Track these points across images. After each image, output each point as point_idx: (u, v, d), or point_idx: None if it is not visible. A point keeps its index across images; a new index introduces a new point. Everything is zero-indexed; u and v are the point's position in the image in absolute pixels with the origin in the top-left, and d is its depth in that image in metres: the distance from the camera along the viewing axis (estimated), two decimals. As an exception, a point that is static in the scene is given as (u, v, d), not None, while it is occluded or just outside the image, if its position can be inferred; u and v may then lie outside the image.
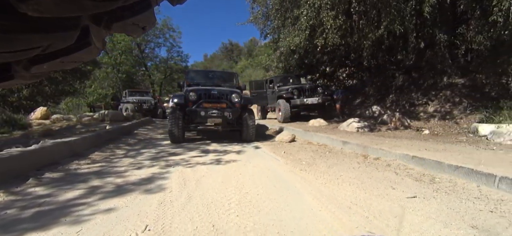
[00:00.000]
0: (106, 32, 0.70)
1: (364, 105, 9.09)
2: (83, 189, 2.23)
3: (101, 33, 0.69)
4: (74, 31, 0.55)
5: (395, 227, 1.48)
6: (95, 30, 0.65)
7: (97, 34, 0.67)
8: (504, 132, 3.89)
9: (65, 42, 0.60)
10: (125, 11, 0.61)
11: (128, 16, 0.64)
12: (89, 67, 15.36)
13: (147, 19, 0.70)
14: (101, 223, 1.58)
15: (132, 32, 0.73)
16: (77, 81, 15.18)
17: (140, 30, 0.74)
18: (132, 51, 26.99)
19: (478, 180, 2.06)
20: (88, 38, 0.64)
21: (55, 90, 12.25)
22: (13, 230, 1.49)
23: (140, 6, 0.64)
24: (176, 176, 2.66)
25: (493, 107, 4.97)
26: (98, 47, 0.71)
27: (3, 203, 1.89)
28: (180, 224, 1.56)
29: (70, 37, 0.56)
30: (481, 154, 2.83)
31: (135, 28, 0.72)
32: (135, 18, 0.65)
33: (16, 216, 1.68)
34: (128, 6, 0.60)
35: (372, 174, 2.58)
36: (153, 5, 0.68)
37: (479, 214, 1.60)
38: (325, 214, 1.69)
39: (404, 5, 5.21)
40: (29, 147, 2.96)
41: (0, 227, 1.53)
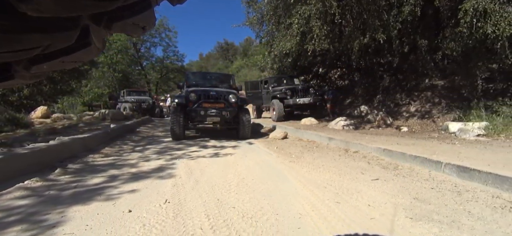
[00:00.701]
0: (106, 32, 0.70)
1: (354, 105, 9.62)
2: (105, 176, 2.65)
3: (101, 33, 0.69)
4: (74, 31, 0.56)
5: (356, 198, 1.95)
6: (95, 30, 0.65)
7: (97, 34, 0.67)
8: (469, 129, 4.43)
9: (65, 42, 0.60)
10: (125, 11, 0.61)
11: (128, 16, 0.64)
12: (86, 67, 15.55)
13: (147, 19, 0.70)
14: (130, 199, 2.01)
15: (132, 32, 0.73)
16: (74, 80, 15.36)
17: (140, 30, 0.73)
18: (127, 51, 27.08)
19: (430, 167, 2.56)
20: (88, 38, 0.64)
21: (54, 90, 12.46)
22: (60, 204, 1.91)
23: (140, 6, 0.64)
24: (182, 166, 3.09)
25: (464, 108, 5.53)
26: (98, 47, 0.71)
27: (43, 187, 2.30)
28: (192, 199, 2.00)
29: (70, 37, 0.56)
30: (441, 147, 3.35)
31: (135, 28, 0.71)
32: (135, 18, 0.66)
33: (59, 195, 2.10)
34: (128, 6, 0.61)
35: (349, 164, 3.06)
36: (153, 5, 0.68)
37: (422, 190, 2.09)
38: (306, 192, 2.15)
39: (388, 15, 5.73)
40: (52, 142, 3.35)
41: (49, 202, 1.95)
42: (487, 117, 4.81)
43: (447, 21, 5.85)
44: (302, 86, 9.28)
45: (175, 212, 1.75)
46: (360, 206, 1.82)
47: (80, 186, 2.31)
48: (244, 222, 1.60)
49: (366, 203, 1.87)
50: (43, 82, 11.64)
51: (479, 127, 4.44)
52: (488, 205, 1.74)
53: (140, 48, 29.68)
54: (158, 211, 1.77)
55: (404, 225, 1.51)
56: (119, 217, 1.68)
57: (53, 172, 2.72)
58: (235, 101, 5.36)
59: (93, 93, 23.79)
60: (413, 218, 1.58)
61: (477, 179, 2.12)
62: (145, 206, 1.85)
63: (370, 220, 1.59)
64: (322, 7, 4.59)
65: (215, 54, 57.60)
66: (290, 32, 5.79)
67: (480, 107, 5.09)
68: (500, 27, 3.97)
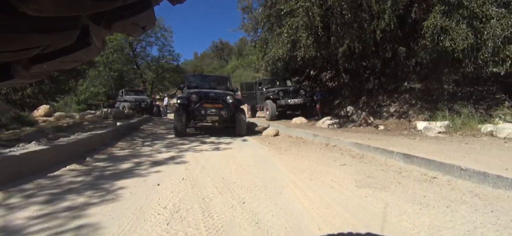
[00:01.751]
0: (106, 32, 0.69)
1: (341, 105, 10.39)
2: (131, 163, 3.28)
3: (101, 32, 0.68)
4: (74, 31, 0.55)
5: (324, 177, 2.65)
6: (95, 30, 0.65)
7: (97, 33, 0.66)
8: (432, 128, 5.21)
9: (65, 42, 0.59)
10: (125, 10, 0.60)
11: (128, 16, 0.63)
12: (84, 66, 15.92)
13: (147, 18, 0.69)
14: (155, 177, 2.66)
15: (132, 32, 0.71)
16: (72, 79, 15.71)
17: (140, 29, 0.72)
18: (123, 50, 27.33)
19: (386, 155, 3.28)
20: (88, 38, 0.64)
21: (56, 89, 12.86)
22: (107, 180, 2.54)
23: (140, 5, 0.64)
24: (190, 156, 3.75)
25: (433, 109, 6.33)
26: (98, 46, 0.71)
27: (85, 170, 2.92)
28: (202, 177, 2.67)
29: (70, 36, 0.55)
30: (401, 141, 4.09)
31: (135, 28, 0.70)
32: (135, 18, 0.65)
33: (102, 175, 2.73)
34: (128, 6, 0.61)
35: (326, 154, 3.77)
36: (153, 5, 0.68)
37: (374, 171, 2.80)
38: (288, 174, 2.83)
39: (369, 25, 6.47)
40: (79, 136, 3.95)
41: (98, 178, 2.58)
42: (449, 117, 5.61)
43: (418, 33, 6.63)
44: (294, 87, 10.01)
45: (192, 185, 2.41)
46: (326, 181, 2.51)
47: (115, 169, 2.94)
48: (242, 191, 2.27)
49: (331, 179, 2.57)
50: (45, 82, 12.03)
51: (441, 126, 5.23)
52: (415, 179, 2.46)
53: (136, 48, 29.92)
54: (179, 184, 2.43)
55: (352, 189, 2.22)
56: (151, 188, 2.33)
57: (85, 161, 3.33)
58: (232, 102, 6.02)
59: (89, 92, 24.04)
60: (359, 186, 2.29)
61: (415, 163, 2.85)
62: (168, 182, 2.50)
63: (330, 188, 2.29)
64: (307, 20, 5.28)
65: (210, 53, 57.71)
66: (281, 40, 6.48)
67: (445, 109, 5.88)
68: (456, 41, 4.74)
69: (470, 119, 5.27)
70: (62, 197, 2.05)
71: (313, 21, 5.27)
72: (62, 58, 0.62)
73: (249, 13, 9.38)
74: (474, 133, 4.64)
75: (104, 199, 2.03)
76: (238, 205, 1.92)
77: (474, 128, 4.90)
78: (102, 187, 2.29)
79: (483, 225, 1.50)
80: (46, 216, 1.71)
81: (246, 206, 1.89)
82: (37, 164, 2.76)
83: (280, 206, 1.90)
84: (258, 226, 1.59)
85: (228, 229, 1.55)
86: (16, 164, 2.49)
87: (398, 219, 1.64)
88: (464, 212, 1.68)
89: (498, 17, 4.38)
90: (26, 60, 0.60)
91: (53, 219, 1.68)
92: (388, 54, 8.98)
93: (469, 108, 5.72)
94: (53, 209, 1.82)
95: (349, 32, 6.00)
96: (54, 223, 1.61)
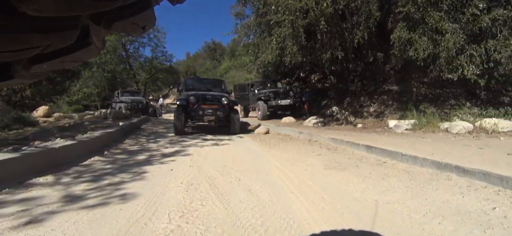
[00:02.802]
0: (106, 32, 0.67)
1: (328, 106, 11.22)
2: (144, 156, 3.92)
3: (101, 32, 0.66)
4: (74, 31, 0.54)
5: (302, 163, 3.37)
6: (95, 30, 0.63)
7: (97, 33, 0.64)
8: (401, 125, 6.04)
9: (65, 42, 0.57)
10: (125, 10, 0.59)
11: (128, 16, 0.61)
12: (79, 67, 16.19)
13: (147, 18, 0.67)
14: (168, 165, 3.31)
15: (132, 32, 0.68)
16: (67, 80, 15.97)
17: (140, 29, 0.69)
18: (116, 50, 27.46)
19: (354, 147, 4.05)
20: (88, 38, 0.62)
21: (53, 90, 13.16)
22: (129, 167, 3.17)
23: (140, 5, 0.62)
24: (192, 151, 4.41)
25: (404, 109, 7.19)
26: (98, 46, 0.68)
27: (109, 160, 3.54)
28: (206, 165, 3.34)
29: (70, 36, 0.54)
30: (371, 137, 4.88)
31: (135, 28, 0.67)
32: (135, 18, 0.63)
33: (125, 163, 3.36)
34: (128, 6, 0.60)
35: (307, 148, 4.51)
36: (153, 5, 0.67)
37: (342, 159, 3.55)
38: (275, 162, 3.54)
39: (347, 34, 7.27)
40: (96, 134, 4.54)
41: (123, 166, 3.21)
42: (416, 117, 6.46)
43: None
44: (284, 89, 10.76)
45: (198, 170, 3.09)
46: (303, 166, 3.24)
47: (133, 160, 3.58)
48: (238, 173, 2.96)
49: (307, 165, 3.30)
50: (43, 83, 12.34)
51: (408, 124, 6.07)
52: (370, 163, 3.22)
53: (129, 48, 30.09)
54: (188, 169, 3.10)
55: (320, 170, 2.95)
56: (167, 172, 2.99)
57: (104, 154, 3.94)
58: (227, 103, 6.68)
59: (82, 93, 24.11)
60: (326, 168, 3.03)
61: (374, 152, 3.61)
62: (179, 168, 3.17)
63: (305, 170, 3.01)
64: (292, 31, 6.02)
65: (203, 53, 57.76)
66: (270, 47, 7.19)
67: (413, 109, 6.74)
68: (419, 51, 5.57)
69: (433, 118, 6.14)
70: (101, 178, 2.68)
71: (297, 32, 6.00)
72: (62, 58, 0.62)
73: (241, 19, 10.07)
74: (433, 130, 5.48)
75: (134, 178, 2.68)
76: (235, 181, 2.61)
77: (435, 126, 5.75)
78: (129, 171, 2.94)
79: (399, 187, 2.25)
80: (96, 189, 2.35)
81: (241, 182, 2.59)
82: (68, 156, 3.36)
83: (267, 182, 2.60)
84: (250, 192, 2.28)
85: (229, 194, 2.24)
86: (55, 154, 3.10)
87: (346, 186, 2.37)
88: (392, 180, 2.44)
89: (451, 31, 5.23)
90: (26, 60, 0.60)
91: (101, 190, 2.32)
92: (369, 59, 9.85)
93: (433, 109, 6.61)
94: (99, 185, 2.46)
95: (331, 41, 6.77)
96: (104, 192, 2.26)
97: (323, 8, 5.67)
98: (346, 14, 6.88)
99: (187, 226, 1.61)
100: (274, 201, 2.04)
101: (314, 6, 5.55)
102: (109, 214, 1.80)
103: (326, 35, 6.77)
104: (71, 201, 2.06)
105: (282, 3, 5.81)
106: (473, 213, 1.70)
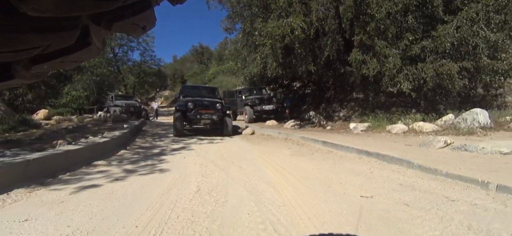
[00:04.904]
0: (106, 32, 0.67)
1: (306, 110, 12.81)
2: (157, 150, 5.16)
3: (101, 32, 0.66)
4: (74, 31, 0.57)
5: (278, 154, 4.78)
6: (95, 30, 0.64)
7: (97, 34, 0.65)
8: (358, 127, 7.63)
9: (65, 42, 0.58)
10: (125, 10, 0.62)
11: (128, 16, 0.63)
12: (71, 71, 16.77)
13: (147, 18, 0.67)
14: (180, 155, 4.60)
15: (132, 32, 0.69)
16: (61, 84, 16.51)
17: (141, 30, 0.69)
18: (104, 54, 27.79)
19: (315, 143, 5.51)
20: (88, 38, 0.63)
21: (51, 93, 13.80)
22: (151, 156, 4.42)
23: (140, 5, 0.64)
24: (194, 146, 5.69)
25: (363, 114, 8.85)
26: (98, 47, 0.69)
27: (134, 151, 4.75)
28: (208, 155, 4.66)
29: (70, 36, 0.57)
30: (331, 135, 6.39)
31: (135, 28, 0.67)
32: (135, 18, 0.64)
33: (147, 154, 4.59)
34: (128, 6, 0.61)
35: (283, 144, 5.93)
36: (153, 5, 0.68)
37: (305, 150, 5.00)
38: (258, 153, 4.92)
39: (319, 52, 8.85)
40: (116, 134, 5.70)
41: (147, 156, 4.46)
42: (371, 121, 8.10)
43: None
44: (268, 96, 12.23)
45: (203, 158, 4.40)
46: (277, 155, 4.64)
47: (151, 152, 4.82)
48: (232, 159, 4.29)
49: (280, 154, 4.70)
50: (41, 87, 13.00)
51: (364, 126, 7.67)
52: (322, 152, 4.68)
53: (117, 52, 30.47)
54: (196, 158, 4.40)
55: (288, 157, 4.36)
56: (182, 159, 4.27)
57: (127, 148, 5.13)
58: (221, 108, 7.93)
59: (71, 96, 24.30)
60: (293, 156, 4.45)
61: (328, 146, 5.09)
62: (189, 157, 4.46)
63: (278, 157, 4.41)
64: (272, 52, 7.50)
65: (190, 57, 57.95)
66: (255, 62, 8.62)
67: (369, 114, 8.40)
68: (370, 70, 7.20)
69: (383, 121, 7.79)
70: (137, 162, 3.93)
71: (276, 52, 7.47)
72: (62, 58, 0.62)
73: (230, 33, 11.46)
74: (380, 131, 7.09)
75: (160, 162, 3.96)
76: (231, 163, 3.96)
77: (383, 128, 7.38)
78: (153, 159, 4.21)
79: (330, 163, 3.70)
80: (139, 167, 3.61)
81: (235, 163, 3.94)
82: (106, 148, 4.56)
83: (252, 163, 3.97)
84: (241, 168, 3.64)
85: (228, 169, 3.58)
86: (100, 147, 4.30)
87: (301, 165, 3.79)
88: (328, 160, 3.90)
89: (393, 56, 6.89)
90: (26, 60, 0.60)
91: (143, 168, 3.59)
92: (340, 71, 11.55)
93: (385, 114, 8.30)
94: (139, 166, 3.72)
95: (305, 58, 8.30)
96: (146, 169, 3.53)
97: (297, 34, 7.16)
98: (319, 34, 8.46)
99: (206, 180, 2.94)
100: (255, 172, 3.41)
101: (290, 33, 7.03)
102: (159, 178, 3.09)
103: (300, 53, 8.29)
104: (129, 172, 3.32)
105: (264, 30, 7.26)
106: (360, 172, 3.16)
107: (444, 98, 8.03)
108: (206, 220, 1.84)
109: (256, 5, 8.56)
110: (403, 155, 3.42)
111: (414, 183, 2.56)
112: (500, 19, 6.03)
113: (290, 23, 6.92)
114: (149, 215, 1.91)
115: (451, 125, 6.18)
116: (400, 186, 2.50)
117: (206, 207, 2.09)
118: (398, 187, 2.47)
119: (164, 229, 1.68)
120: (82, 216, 1.92)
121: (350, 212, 1.96)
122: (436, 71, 6.43)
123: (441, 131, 6.05)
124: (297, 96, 15.23)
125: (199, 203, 2.17)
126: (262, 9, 8.58)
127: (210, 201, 2.22)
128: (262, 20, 8.02)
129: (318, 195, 2.37)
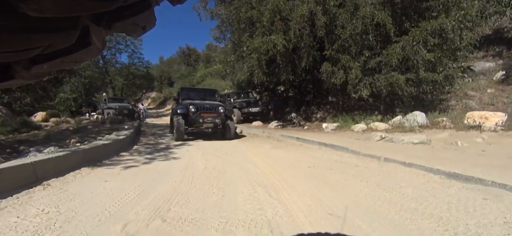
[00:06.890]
0: (106, 32, 0.70)
1: (289, 112, 14.29)
2: (163, 145, 6.33)
3: (101, 33, 0.69)
4: (74, 31, 0.56)
5: (261, 148, 6.11)
6: (95, 30, 0.67)
7: (97, 34, 0.68)
8: (329, 127, 9.14)
9: (65, 42, 0.61)
10: (125, 11, 0.61)
11: (128, 16, 0.67)
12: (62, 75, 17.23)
13: (147, 18, 0.71)
14: (185, 149, 5.81)
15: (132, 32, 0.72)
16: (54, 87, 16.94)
17: (140, 30, 0.73)
18: (92, 56, 27.94)
19: (292, 139, 6.91)
20: (88, 38, 0.66)
21: (47, 96, 14.36)
22: (162, 149, 5.60)
23: (140, 5, 0.67)
24: (192, 143, 6.90)
25: (336, 115, 10.41)
26: (98, 47, 0.71)
27: (145, 147, 5.91)
28: (206, 150, 5.91)
29: (70, 37, 0.56)
30: (307, 133, 7.83)
31: (135, 28, 0.71)
32: (135, 18, 0.68)
33: (156, 149, 5.76)
34: (128, 6, 0.64)
35: (265, 141, 7.28)
36: (153, 5, 0.70)
37: (281, 144, 6.37)
38: (247, 148, 6.23)
39: (297, 62, 10.31)
40: (126, 133, 6.79)
41: (158, 150, 5.64)
42: (340, 121, 9.64)
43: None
44: (254, 99, 13.60)
45: (203, 151, 5.64)
46: (261, 149, 5.97)
47: (159, 147, 5.99)
48: (226, 152, 5.57)
49: (263, 148, 6.04)
50: (38, 91, 13.55)
51: (334, 126, 9.20)
52: (294, 145, 6.07)
53: (105, 54, 30.65)
54: (197, 151, 5.63)
55: (268, 149, 5.71)
56: (185, 152, 5.50)
57: (136, 145, 6.26)
58: (222, 111, 7.62)
59: (59, 98, 24.39)
60: (272, 148, 5.81)
61: (301, 141, 6.49)
62: (192, 150, 5.69)
63: (260, 150, 5.75)
64: (257, 63, 8.86)
65: (177, 58, 57.74)
66: (243, 70, 9.95)
67: (340, 116, 9.96)
68: (337, 79, 8.72)
69: (351, 122, 9.35)
70: (152, 153, 5.12)
71: (261, 63, 8.84)
72: (62, 58, 0.63)
73: (219, 42, 12.71)
74: (346, 130, 8.63)
75: (171, 153, 5.16)
76: (225, 154, 5.24)
77: (349, 127, 8.94)
78: (163, 151, 5.40)
79: (296, 152, 5.09)
80: (156, 157, 4.80)
81: (228, 154, 5.23)
82: (125, 144, 5.69)
83: (240, 154, 5.27)
84: (233, 156, 4.93)
85: (223, 157, 4.85)
86: (119, 143, 5.43)
87: (277, 154, 5.14)
88: (297, 151, 5.28)
89: (355, 68, 8.45)
90: (26, 61, 0.61)
91: (159, 157, 4.78)
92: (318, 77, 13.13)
93: (353, 116, 9.88)
94: (155, 156, 4.91)
95: (285, 67, 9.74)
96: (161, 158, 4.73)
97: (279, 49, 8.56)
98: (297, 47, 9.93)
99: (209, 163, 4.21)
100: (243, 158, 4.72)
101: (272, 48, 8.42)
102: (175, 162, 4.32)
103: (281, 64, 9.71)
104: (151, 159, 4.52)
105: (251, 46, 8.61)
106: (315, 156, 4.55)
107: (400, 102, 9.70)
108: (214, 180, 3.12)
109: (243, 21, 9.90)
110: (347, 145, 4.87)
111: (343, 160, 3.99)
112: (434, 41, 7.73)
113: (273, 40, 8.31)
114: (181, 177, 3.17)
115: (399, 124, 7.80)
116: (334, 162, 3.92)
117: (213, 174, 3.38)
118: (333, 162, 3.89)
119: (192, 181, 2.96)
120: (139, 179, 3.14)
121: (300, 174, 3.32)
122: (388, 81, 8.05)
123: (391, 129, 7.65)
124: (281, 99, 16.70)
125: (208, 173, 3.45)
126: (248, 25, 9.94)
127: (214, 172, 3.51)
128: (248, 35, 9.37)
129: (284, 168, 3.72)
